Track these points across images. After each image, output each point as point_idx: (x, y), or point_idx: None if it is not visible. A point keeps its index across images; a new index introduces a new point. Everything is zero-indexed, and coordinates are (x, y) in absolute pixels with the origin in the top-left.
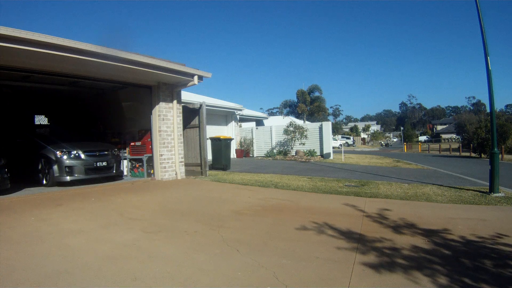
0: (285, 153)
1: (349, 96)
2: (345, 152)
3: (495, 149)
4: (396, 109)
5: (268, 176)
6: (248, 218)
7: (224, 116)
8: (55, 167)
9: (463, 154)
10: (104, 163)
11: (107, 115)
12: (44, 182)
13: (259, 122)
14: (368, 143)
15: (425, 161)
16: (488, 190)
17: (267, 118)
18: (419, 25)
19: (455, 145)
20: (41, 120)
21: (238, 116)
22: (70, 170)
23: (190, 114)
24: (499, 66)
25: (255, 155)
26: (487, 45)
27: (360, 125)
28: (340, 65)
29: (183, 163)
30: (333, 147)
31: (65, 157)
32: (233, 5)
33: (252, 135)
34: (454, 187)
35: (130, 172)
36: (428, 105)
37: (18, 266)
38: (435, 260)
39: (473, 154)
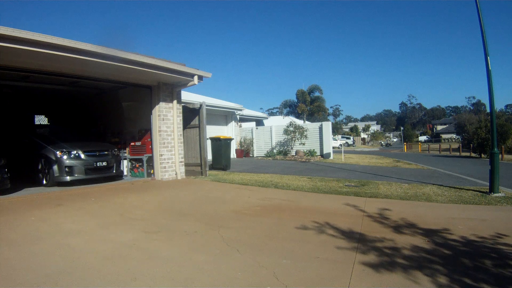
0: (285, 153)
1: (349, 96)
2: (345, 152)
3: (495, 149)
4: (396, 109)
5: (268, 176)
6: (248, 218)
7: (224, 116)
8: (55, 167)
9: (463, 154)
10: (104, 163)
11: (107, 115)
12: (44, 182)
13: (259, 122)
14: (368, 143)
15: (425, 161)
16: (488, 190)
17: (267, 118)
18: (419, 25)
19: (455, 145)
20: (41, 120)
21: (238, 116)
22: (70, 170)
23: (190, 114)
24: (499, 66)
25: (255, 155)
26: (487, 45)
27: (360, 125)
28: (340, 65)
29: (183, 163)
30: (333, 147)
31: (65, 157)
32: (233, 5)
33: (252, 135)
34: (454, 187)
35: (130, 172)
36: (428, 105)
37: (18, 266)
38: (435, 260)
39: (473, 154)
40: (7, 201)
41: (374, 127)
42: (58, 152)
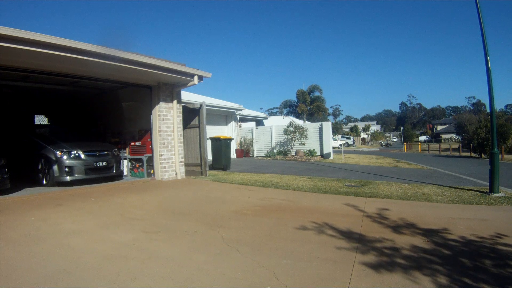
0: (285, 153)
1: (349, 96)
2: (345, 152)
3: (495, 149)
4: (396, 109)
5: (268, 176)
6: (248, 218)
7: (224, 116)
8: (55, 167)
9: (463, 154)
10: (104, 163)
11: (107, 115)
12: (44, 182)
13: (259, 122)
14: (368, 143)
15: (425, 161)
16: (488, 190)
17: (267, 118)
18: (419, 25)
19: (455, 145)
20: (41, 120)
21: (238, 116)
22: (70, 170)
23: (190, 114)
24: (499, 66)
25: (255, 155)
26: (487, 45)
27: (360, 125)
28: (340, 65)
29: (183, 163)
30: (333, 147)
31: (65, 157)
32: (233, 5)
33: (252, 135)
34: (454, 187)
35: (130, 172)
36: (428, 105)
37: (18, 266)
38: (435, 260)
39: (473, 154)
40: (7, 201)
41: (374, 127)
42: (58, 152)
